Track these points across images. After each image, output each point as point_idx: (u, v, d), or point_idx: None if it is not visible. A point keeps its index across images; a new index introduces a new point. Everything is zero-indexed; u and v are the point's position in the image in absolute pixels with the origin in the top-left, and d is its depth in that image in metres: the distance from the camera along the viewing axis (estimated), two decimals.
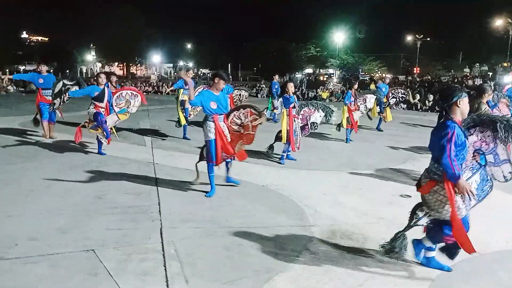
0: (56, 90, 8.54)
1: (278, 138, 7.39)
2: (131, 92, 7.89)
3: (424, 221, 3.28)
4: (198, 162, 5.52)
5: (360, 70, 52.32)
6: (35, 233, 4.00)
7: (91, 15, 47.38)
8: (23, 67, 52.25)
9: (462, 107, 3.18)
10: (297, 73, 53.73)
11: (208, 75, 53.39)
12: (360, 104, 9.87)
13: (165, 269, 3.35)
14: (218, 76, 5.24)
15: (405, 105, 17.98)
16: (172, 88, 10.26)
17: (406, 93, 12.89)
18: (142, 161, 7.17)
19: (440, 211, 3.13)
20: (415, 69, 51.43)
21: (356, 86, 10.12)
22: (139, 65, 60.47)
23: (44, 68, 8.80)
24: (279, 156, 7.38)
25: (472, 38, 47.88)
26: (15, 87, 24.01)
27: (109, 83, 10.82)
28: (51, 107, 8.62)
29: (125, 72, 53.87)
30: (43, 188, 5.46)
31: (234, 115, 5.35)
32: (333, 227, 4.34)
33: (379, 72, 56.18)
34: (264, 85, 32.10)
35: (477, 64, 51.54)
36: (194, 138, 9.40)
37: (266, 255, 3.65)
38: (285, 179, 6.21)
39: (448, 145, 3.01)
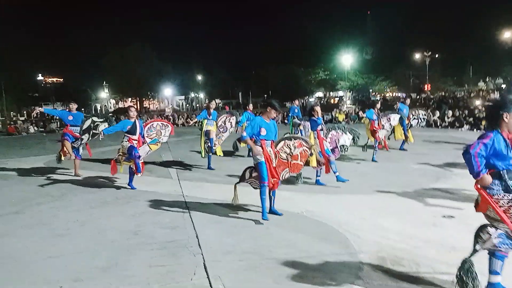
0: (85, 126, 8.68)
1: (306, 162, 7.31)
2: (161, 123, 8.02)
3: (490, 243, 3.09)
4: (238, 183, 5.63)
5: (371, 90, 52.44)
6: (78, 273, 3.93)
7: (103, 54, 48.75)
8: (40, 108, 53.30)
9: (510, 122, 3.10)
10: (307, 97, 54.01)
11: (219, 104, 54.05)
12: (385, 123, 9.82)
13: None
14: (270, 106, 5.50)
15: (424, 123, 17.80)
16: (195, 120, 10.36)
17: (426, 114, 12.81)
18: (171, 194, 7.12)
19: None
20: (426, 86, 51.25)
21: (378, 105, 10.13)
22: (151, 99, 61.53)
23: (74, 106, 8.97)
24: (310, 181, 7.29)
25: (481, 52, 47.75)
26: (35, 128, 24.52)
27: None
28: (78, 142, 8.72)
29: (138, 107, 54.77)
30: (78, 227, 5.42)
31: (285, 143, 5.41)
32: (381, 253, 4.18)
33: (389, 91, 56.22)
34: None
35: (487, 77, 51.26)
36: (218, 168, 9.38)
37: (318, 287, 3.51)
38: (318, 205, 6.09)
39: (478, 143, 3.04)
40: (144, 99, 58.76)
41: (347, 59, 50.52)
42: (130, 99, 57.60)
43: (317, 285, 3.54)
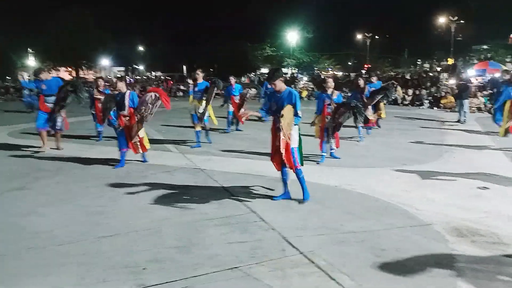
0: (62, 95, 7.69)
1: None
2: (154, 95, 7.13)
3: None
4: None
5: (316, 68, 53.60)
6: (154, 254, 3.51)
7: (31, 16, 43.89)
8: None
9: None
10: (253, 73, 53.82)
11: (161, 77, 51.85)
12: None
13: (339, 284, 3.04)
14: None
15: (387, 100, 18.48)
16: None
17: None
18: (185, 167, 6.69)
19: None
20: (365, 66, 53.41)
21: (362, 83, 10.12)
22: (87, 69, 57.26)
23: (47, 73, 7.96)
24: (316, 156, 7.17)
25: (416, 36, 50.62)
26: None
27: (95, 89, 9.82)
28: (50, 116, 7.76)
29: (74, 77, 50.68)
30: (110, 203, 4.87)
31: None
32: (452, 224, 4.21)
33: (331, 70, 57.90)
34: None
35: (418, 60, 54.93)
36: (215, 141, 8.99)
37: (421, 259, 3.44)
38: (349, 178, 5.99)
39: None
40: (80, 69, 54.48)
41: (292, 37, 50.92)
42: (64, 68, 53.15)
43: (415, 256, 3.46)
